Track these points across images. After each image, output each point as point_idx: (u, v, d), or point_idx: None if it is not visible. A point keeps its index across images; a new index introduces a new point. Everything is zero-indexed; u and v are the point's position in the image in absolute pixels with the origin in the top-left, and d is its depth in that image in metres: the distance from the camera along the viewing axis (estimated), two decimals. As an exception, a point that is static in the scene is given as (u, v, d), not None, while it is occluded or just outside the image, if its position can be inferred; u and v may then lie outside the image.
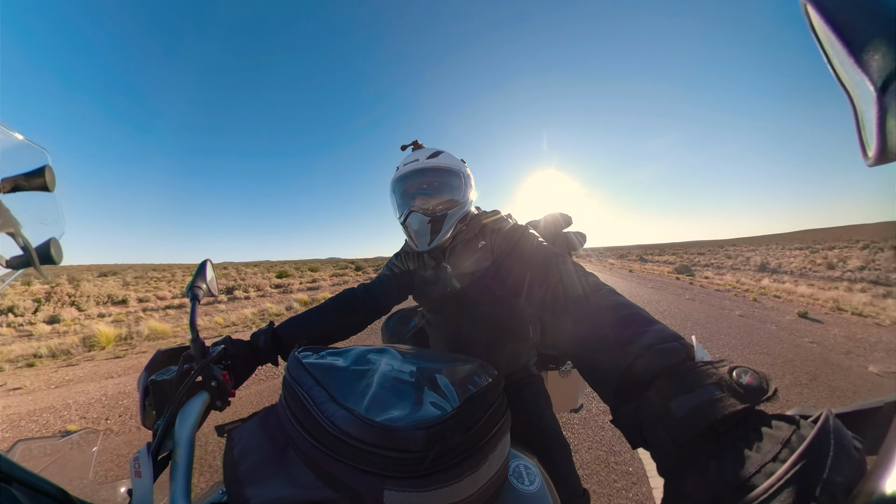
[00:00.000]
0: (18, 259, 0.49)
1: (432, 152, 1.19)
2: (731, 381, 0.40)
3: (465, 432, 0.52)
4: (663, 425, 0.42)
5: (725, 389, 0.39)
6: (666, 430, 0.42)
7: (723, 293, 11.58)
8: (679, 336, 0.51)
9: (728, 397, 0.39)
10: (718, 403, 0.39)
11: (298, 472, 0.52)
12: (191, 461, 0.60)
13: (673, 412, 0.42)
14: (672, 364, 0.46)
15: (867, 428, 0.35)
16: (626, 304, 0.62)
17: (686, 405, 0.41)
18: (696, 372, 0.43)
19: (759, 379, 0.39)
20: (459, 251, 1.15)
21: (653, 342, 0.51)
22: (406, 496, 0.46)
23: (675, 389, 0.43)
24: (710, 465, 0.37)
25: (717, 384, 0.40)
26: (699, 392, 0.41)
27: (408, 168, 1.16)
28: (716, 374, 0.42)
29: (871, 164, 0.27)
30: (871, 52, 0.26)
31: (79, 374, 5.33)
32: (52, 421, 3.74)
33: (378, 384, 0.59)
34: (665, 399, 0.43)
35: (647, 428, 0.45)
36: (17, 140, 0.51)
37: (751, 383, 0.39)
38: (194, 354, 0.75)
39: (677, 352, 0.48)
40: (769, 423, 0.37)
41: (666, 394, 0.44)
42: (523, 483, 0.67)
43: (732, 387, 0.39)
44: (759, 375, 0.39)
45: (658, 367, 0.47)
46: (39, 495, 0.51)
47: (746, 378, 0.39)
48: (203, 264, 0.91)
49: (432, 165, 1.14)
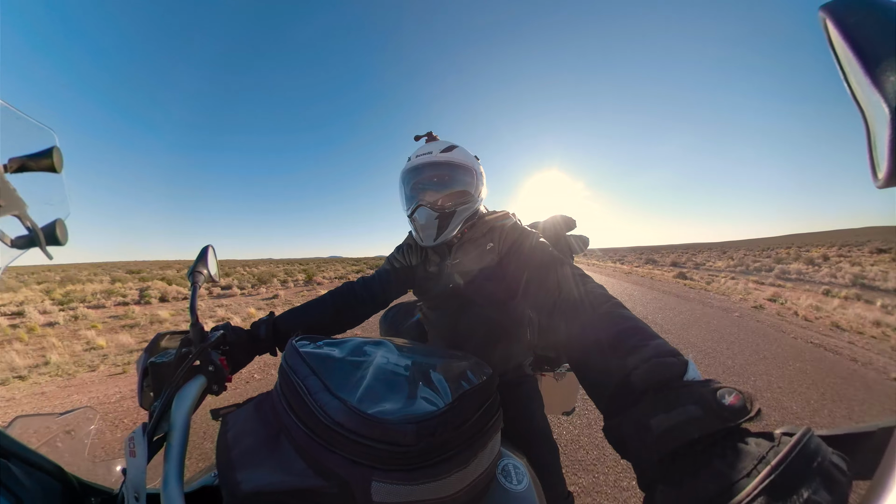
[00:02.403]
0: (23, 239, 0.50)
1: (447, 146, 1.15)
2: (714, 401, 0.41)
3: (456, 429, 0.52)
4: (642, 441, 0.44)
5: (706, 409, 0.40)
6: (644, 446, 0.43)
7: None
8: (678, 352, 0.52)
9: (708, 416, 0.40)
10: (696, 422, 0.40)
11: (289, 459, 0.53)
12: (185, 443, 0.61)
13: (652, 429, 0.43)
14: (664, 379, 0.47)
15: (857, 451, 0.35)
16: (630, 317, 0.63)
17: (664, 423, 0.42)
18: (680, 391, 0.44)
19: (744, 399, 0.40)
20: (466, 249, 1.13)
21: (651, 356, 0.51)
22: (394, 488, 0.47)
23: (656, 407, 0.44)
24: (684, 481, 0.38)
25: (699, 403, 0.41)
26: (678, 411, 0.42)
27: (420, 160, 1.13)
28: (699, 393, 0.43)
29: (881, 185, 0.27)
30: (889, 73, 0.26)
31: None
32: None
33: (372, 376, 0.60)
34: (646, 416, 0.45)
35: (628, 442, 0.47)
36: (25, 120, 0.51)
37: (734, 404, 0.40)
38: (193, 338, 0.76)
39: (673, 368, 0.48)
40: (748, 440, 0.37)
41: (647, 411, 0.45)
42: (511, 482, 0.68)
43: (714, 407, 0.40)
44: (743, 396, 0.40)
45: (652, 381, 0.48)
46: (36, 471, 0.52)
47: (730, 398, 0.40)
48: (204, 250, 0.92)
49: (445, 160, 1.11)
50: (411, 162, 1.16)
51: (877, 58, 0.26)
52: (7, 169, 0.48)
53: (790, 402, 3.46)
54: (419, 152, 1.17)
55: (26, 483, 0.49)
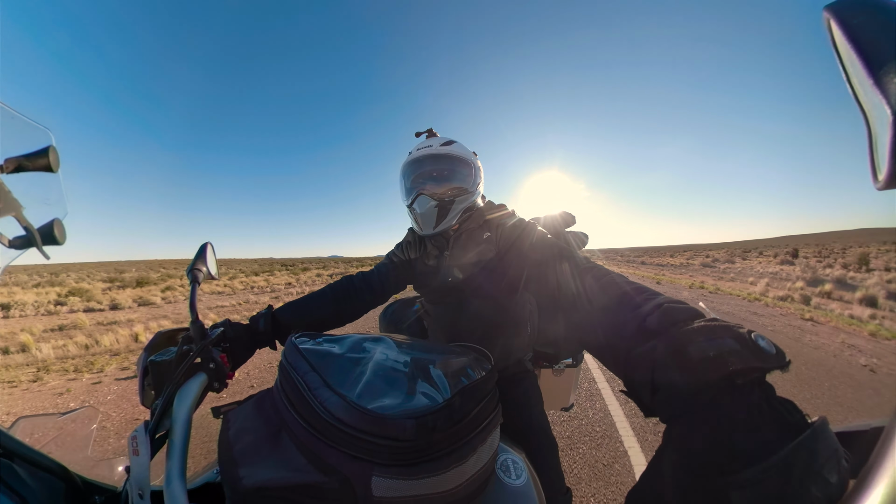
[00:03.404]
0: (21, 239, 0.50)
1: (446, 140, 1.19)
2: (750, 340, 0.39)
3: (455, 424, 0.53)
4: (678, 367, 0.41)
5: (743, 345, 0.39)
6: (681, 373, 0.41)
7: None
8: (687, 303, 0.51)
9: (745, 353, 0.38)
10: (737, 355, 0.38)
11: (291, 455, 0.53)
12: (187, 441, 0.61)
13: (691, 355, 0.41)
14: (685, 318, 0.46)
15: (851, 451, 0.36)
16: (633, 282, 0.63)
17: (706, 351, 0.40)
18: (715, 324, 0.43)
19: (775, 346, 0.39)
20: (464, 241, 1.15)
21: (663, 301, 0.52)
22: (393, 483, 0.47)
23: (692, 335, 0.42)
24: (718, 416, 0.36)
25: (737, 339, 0.40)
26: (720, 341, 0.40)
27: (420, 153, 1.16)
28: (734, 330, 0.41)
29: (881, 187, 0.27)
30: (892, 74, 0.26)
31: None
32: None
33: (372, 372, 0.60)
34: (682, 343, 0.42)
35: (659, 370, 0.44)
36: (20, 120, 0.51)
37: (768, 348, 0.38)
38: (193, 336, 0.76)
39: (686, 310, 0.48)
40: (777, 402, 0.36)
41: (682, 339, 0.43)
42: (510, 477, 0.68)
43: (752, 345, 0.39)
44: (774, 344, 0.39)
45: (671, 319, 0.47)
46: (40, 471, 0.53)
47: (763, 342, 0.39)
48: (203, 247, 0.92)
49: (445, 153, 1.14)
50: (412, 155, 1.18)
51: (880, 59, 0.26)
52: (3, 169, 0.48)
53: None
54: (420, 146, 1.20)
55: (30, 483, 0.50)
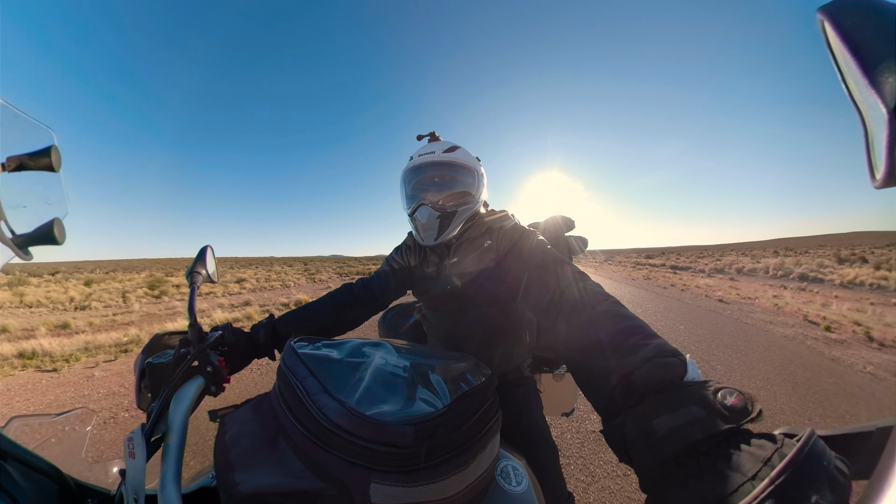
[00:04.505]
0: (21, 238, 0.49)
1: (449, 146, 1.16)
2: (716, 402, 0.41)
3: (455, 430, 0.52)
4: (645, 443, 0.43)
5: (708, 410, 0.40)
6: (648, 448, 0.43)
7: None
8: (678, 352, 0.52)
9: (711, 418, 0.40)
10: (700, 423, 0.40)
11: (288, 461, 0.52)
12: (183, 444, 0.61)
13: (655, 430, 0.43)
14: (666, 380, 0.47)
15: (856, 452, 0.35)
16: (630, 316, 0.62)
17: (668, 424, 0.42)
18: (682, 392, 0.44)
19: (745, 400, 0.40)
20: (464, 249, 1.13)
21: (653, 355, 0.51)
22: (392, 490, 0.47)
23: (659, 408, 0.44)
24: (689, 482, 0.38)
25: (701, 404, 0.41)
26: (682, 412, 0.42)
27: (422, 160, 1.13)
28: (700, 394, 0.42)
29: (879, 186, 0.27)
30: (886, 74, 0.26)
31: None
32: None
33: (371, 378, 0.59)
34: (648, 417, 0.44)
35: (630, 444, 0.46)
36: (23, 119, 0.51)
37: (735, 404, 0.39)
38: (191, 339, 0.75)
39: (674, 368, 0.48)
40: (751, 441, 0.37)
41: (650, 412, 0.45)
42: (510, 483, 0.68)
43: (716, 407, 0.40)
44: (744, 396, 0.40)
45: (653, 381, 0.48)
46: (33, 472, 0.52)
47: (731, 399, 0.40)
48: (203, 250, 0.92)
49: (448, 160, 1.12)
50: (413, 161, 1.16)
51: (875, 59, 0.26)
52: (5, 168, 0.48)
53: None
54: (421, 152, 1.17)
55: (23, 484, 0.49)
